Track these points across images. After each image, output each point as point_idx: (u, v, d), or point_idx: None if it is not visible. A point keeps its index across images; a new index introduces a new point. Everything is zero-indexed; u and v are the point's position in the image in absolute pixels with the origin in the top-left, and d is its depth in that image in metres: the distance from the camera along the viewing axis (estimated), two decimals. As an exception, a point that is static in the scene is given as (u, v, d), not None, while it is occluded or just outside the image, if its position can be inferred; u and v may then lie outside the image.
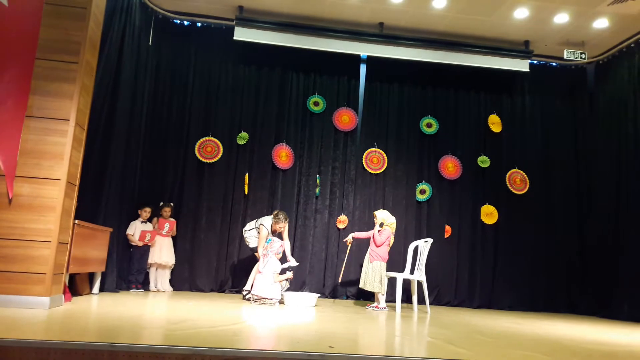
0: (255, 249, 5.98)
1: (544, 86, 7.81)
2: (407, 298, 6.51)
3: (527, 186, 7.46)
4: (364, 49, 7.21)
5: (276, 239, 5.75)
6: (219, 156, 6.95)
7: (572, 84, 7.84)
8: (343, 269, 6.30)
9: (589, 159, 7.54)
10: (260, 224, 5.93)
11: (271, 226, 5.90)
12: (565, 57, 7.38)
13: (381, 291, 5.65)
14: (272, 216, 5.96)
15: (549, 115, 7.77)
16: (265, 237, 5.78)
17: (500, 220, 7.35)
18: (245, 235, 6.13)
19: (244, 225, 6.71)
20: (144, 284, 6.14)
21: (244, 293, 5.81)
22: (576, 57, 7.34)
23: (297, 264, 5.99)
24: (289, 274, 5.63)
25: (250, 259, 6.49)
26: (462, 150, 7.49)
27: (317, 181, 7.12)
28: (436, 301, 6.91)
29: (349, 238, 6.11)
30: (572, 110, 7.81)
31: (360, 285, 5.83)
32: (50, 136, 3.82)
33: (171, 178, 6.86)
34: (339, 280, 6.45)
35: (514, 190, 7.42)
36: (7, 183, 3.66)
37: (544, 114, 7.77)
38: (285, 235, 6.04)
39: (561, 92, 7.83)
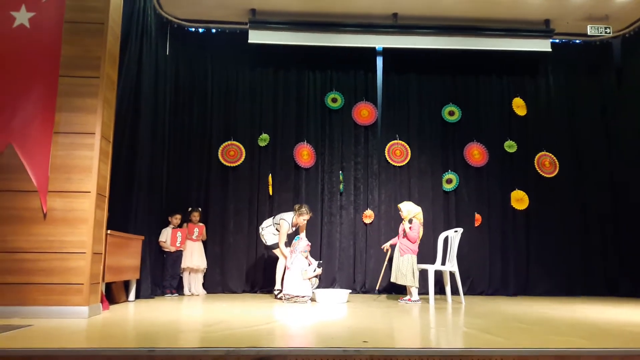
0: (271, 246, 6.00)
1: (568, 65, 7.61)
2: (440, 290, 6.44)
3: (557, 169, 7.29)
4: (379, 41, 7.17)
5: (303, 237, 5.79)
6: (242, 159, 7.01)
7: (597, 61, 7.61)
8: (381, 276, 6.20)
9: (619, 136, 7.32)
10: (281, 219, 5.94)
11: (292, 220, 5.91)
12: (588, 33, 7.16)
13: (414, 284, 5.60)
14: (293, 212, 5.97)
15: (575, 95, 7.57)
16: (286, 231, 5.82)
17: (531, 205, 7.20)
18: (262, 233, 6.13)
19: (270, 227, 6.78)
20: (178, 289, 6.25)
21: (276, 292, 5.86)
22: (600, 33, 7.12)
23: (319, 261, 5.95)
24: (318, 270, 5.65)
25: (277, 258, 6.55)
26: (487, 136, 7.36)
27: (340, 177, 7.11)
28: (470, 291, 6.81)
29: (387, 245, 6.08)
30: (600, 88, 7.59)
31: (392, 280, 5.79)
32: (78, 150, 3.93)
33: (197, 184, 6.96)
34: (377, 288, 6.40)
35: (543, 174, 7.26)
36: (40, 198, 3.78)
37: (569, 93, 7.58)
38: (303, 233, 6.04)
39: (586, 69, 7.61)
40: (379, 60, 7.48)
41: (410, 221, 5.78)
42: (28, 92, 3.84)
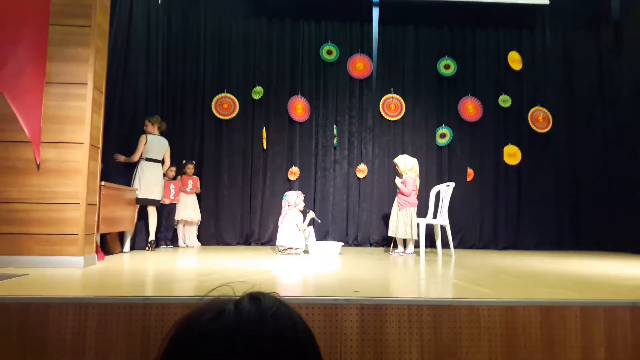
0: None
1: (565, 18, 7.46)
2: (431, 243, 6.57)
3: (550, 124, 7.28)
4: (377, -9, 6.97)
5: (291, 191, 5.84)
6: (236, 112, 6.95)
7: (595, 15, 7.46)
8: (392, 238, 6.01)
9: (614, 93, 7.27)
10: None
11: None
12: (588, -14, 6.99)
13: (413, 237, 5.68)
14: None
15: (571, 50, 7.47)
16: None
17: (524, 160, 7.24)
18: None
19: (265, 180, 6.85)
20: (173, 241, 6.32)
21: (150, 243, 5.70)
22: (601, -16, 6.94)
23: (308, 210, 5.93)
24: (312, 213, 5.73)
25: (274, 214, 6.63)
26: (482, 90, 7.30)
27: (335, 132, 7.08)
28: (460, 245, 6.95)
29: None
30: (596, 42, 7.48)
31: (391, 234, 5.84)
32: (70, 101, 3.87)
33: (191, 136, 6.92)
34: (390, 250, 6.07)
35: (536, 129, 7.26)
36: (33, 149, 3.75)
37: (565, 48, 7.48)
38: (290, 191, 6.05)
39: (584, 23, 7.48)
40: (375, 11, 7.30)
41: (401, 176, 5.81)
42: (18, 41, 3.72)
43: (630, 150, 6.90)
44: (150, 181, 5.53)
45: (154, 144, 5.59)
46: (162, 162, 5.78)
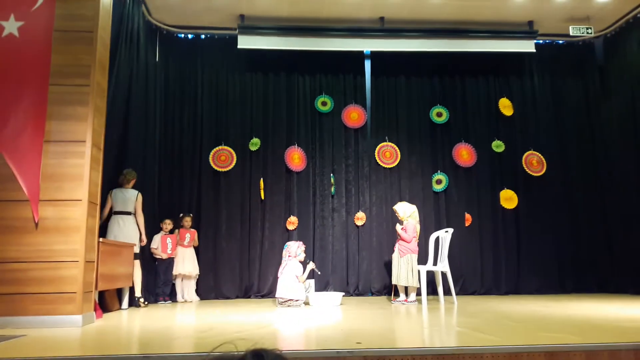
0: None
1: (552, 65, 7.72)
2: (432, 290, 6.49)
3: (545, 167, 7.38)
4: (367, 45, 7.22)
5: (292, 242, 5.82)
6: (233, 164, 7.02)
7: (580, 61, 7.74)
8: (393, 286, 6.03)
9: (604, 133, 7.44)
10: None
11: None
12: (571, 34, 7.24)
13: (415, 284, 5.63)
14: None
15: (560, 94, 7.69)
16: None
17: (520, 203, 7.28)
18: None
19: (263, 230, 6.85)
20: (172, 296, 6.24)
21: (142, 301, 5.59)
22: (582, 33, 7.22)
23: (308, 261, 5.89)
24: (312, 264, 5.69)
25: (273, 265, 6.60)
26: (475, 136, 7.45)
27: (332, 180, 7.15)
28: (462, 291, 6.87)
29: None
30: (584, 86, 7.72)
31: (394, 282, 5.79)
32: (68, 159, 3.93)
33: (188, 189, 6.96)
34: (392, 298, 6.07)
35: (531, 173, 7.35)
36: (32, 207, 3.77)
37: (554, 93, 7.69)
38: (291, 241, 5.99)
39: (570, 69, 7.74)
40: (367, 64, 7.51)
41: (401, 222, 5.83)
42: (18, 101, 3.83)
43: (625, 190, 6.97)
44: (118, 235, 5.29)
45: (118, 197, 5.43)
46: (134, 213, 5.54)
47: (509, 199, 7.28)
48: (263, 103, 7.31)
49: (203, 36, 7.41)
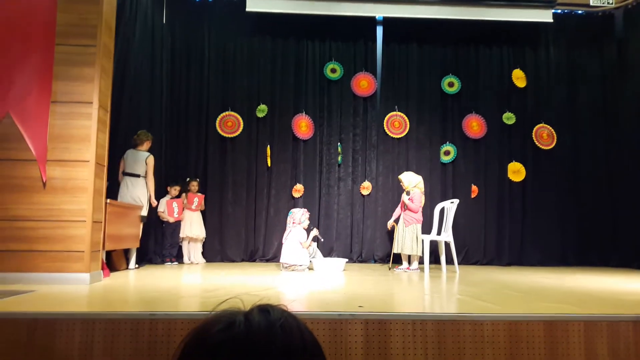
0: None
1: (569, 36, 7.52)
2: (435, 259, 6.53)
3: (555, 141, 7.30)
4: (380, 10, 7.06)
5: (297, 209, 5.86)
6: (240, 130, 7.00)
7: (599, 32, 7.52)
8: (392, 254, 6.10)
9: (618, 110, 7.30)
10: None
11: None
12: (591, 4, 7.06)
13: (417, 253, 5.68)
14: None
15: (575, 67, 7.52)
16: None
17: (528, 177, 7.24)
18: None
19: (269, 197, 6.89)
20: (178, 258, 6.34)
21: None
22: (603, 3, 7.02)
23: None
24: (315, 231, 5.76)
25: (278, 231, 6.65)
26: (486, 108, 7.34)
27: (339, 149, 7.12)
28: (465, 261, 6.92)
29: (391, 222, 6.09)
30: (600, 59, 7.53)
31: (396, 250, 5.84)
32: (75, 120, 3.94)
33: (195, 154, 6.97)
34: (390, 267, 6.10)
35: (541, 146, 7.27)
36: (40, 167, 3.81)
37: (569, 65, 7.52)
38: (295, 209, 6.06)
39: (588, 41, 7.54)
40: (379, 30, 7.38)
41: (408, 192, 5.84)
42: (24, 61, 3.81)
43: (634, 167, 6.91)
44: (125, 195, 5.32)
45: (129, 158, 5.44)
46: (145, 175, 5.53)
47: (516, 171, 7.24)
48: (271, 69, 7.22)
49: (211, -1, 7.28)
